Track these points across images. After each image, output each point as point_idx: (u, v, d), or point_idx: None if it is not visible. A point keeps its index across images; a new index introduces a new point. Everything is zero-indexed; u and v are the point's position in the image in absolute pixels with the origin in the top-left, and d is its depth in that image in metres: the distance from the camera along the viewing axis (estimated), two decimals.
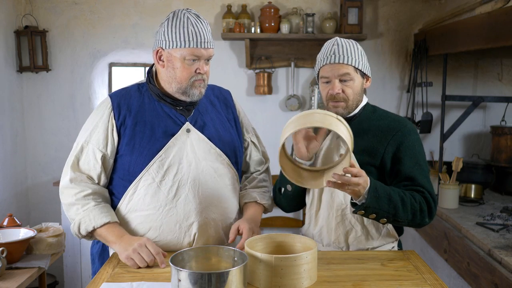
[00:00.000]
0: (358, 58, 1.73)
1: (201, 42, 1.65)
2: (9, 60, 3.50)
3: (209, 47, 1.68)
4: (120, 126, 1.72)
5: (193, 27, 1.64)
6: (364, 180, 1.54)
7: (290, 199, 1.88)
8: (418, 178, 1.70)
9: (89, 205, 1.68)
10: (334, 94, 1.72)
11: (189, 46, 1.64)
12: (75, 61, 3.74)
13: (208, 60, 1.71)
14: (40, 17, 3.67)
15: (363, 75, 1.77)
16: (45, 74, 3.72)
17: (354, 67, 1.72)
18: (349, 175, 1.52)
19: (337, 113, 1.76)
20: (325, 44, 1.78)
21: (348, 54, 1.71)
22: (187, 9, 1.69)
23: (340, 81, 1.72)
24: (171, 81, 1.70)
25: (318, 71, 1.78)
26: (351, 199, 1.63)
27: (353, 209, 1.62)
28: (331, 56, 1.72)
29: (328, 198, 1.78)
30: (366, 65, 1.77)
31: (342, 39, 1.76)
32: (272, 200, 1.93)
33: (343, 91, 1.72)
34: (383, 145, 1.73)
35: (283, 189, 1.86)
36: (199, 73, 1.68)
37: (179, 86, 1.70)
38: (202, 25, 1.67)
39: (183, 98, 1.73)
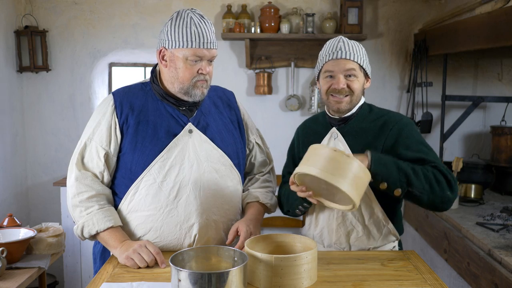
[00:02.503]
0: (363, 57, 1.75)
1: (203, 42, 1.65)
2: (9, 60, 3.51)
3: (211, 47, 1.67)
4: (123, 124, 1.71)
5: (196, 27, 1.64)
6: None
7: (300, 215, 1.89)
8: (427, 157, 1.67)
9: (92, 208, 1.68)
10: (339, 88, 1.72)
11: (191, 46, 1.64)
12: (75, 61, 3.74)
13: (211, 60, 1.71)
14: (40, 17, 3.67)
15: (366, 75, 1.79)
16: (45, 74, 3.72)
17: (360, 65, 1.73)
18: None
19: (339, 109, 1.76)
20: (328, 42, 1.78)
21: (355, 51, 1.73)
22: (192, 9, 1.69)
23: (345, 76, 1.73)
24: (173, 81, 1.70)
25: (321, 67, 1.78)
26: None
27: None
28: (337, 52, 1.73)
29: None
30: (369, 66, 1.79)
31: (346, 38, 1.77)
32: (276, 200, 1.93)
33: (348, 86, 1.73)
34: (382, 140, 1.74)
35: (290, 211, 1.87)
36: (201, 73, 1.68)
37: (181, 86, 1.70)
38: (206, 25, 1.66)
39: (185, 98, 1.72)
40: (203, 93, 1.72)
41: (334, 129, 1.80)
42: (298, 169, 1.52)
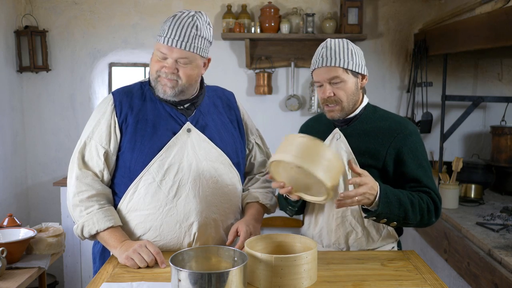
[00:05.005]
0: (348, 58, 1.70)
1: (168, 39, 1.63)
2: (9, 60, 3.50)
3: (176, 46, 1.62)
4: (122, 123, 1.72)
5: (172, 23, 1.64)
6: (369, 187, 1.53)
7: (292, 215, 1.90)
8: (423, 180, 1.71)
9: (92, 208, 1.68)
10: (326, 97, 1.71)
11: (158, 41, 1.67)
12: (75, 61, 3.74)
13: (180, 62, 1.65)
14: (40, 17, 3.67)
15: (356, 74, 1.73)
16: (45, 74, 3.72)
17: (343, 68, 1.70)
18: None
19: (332, 118, 1.76)
20: (318, 48, 1.77)
21: (337, 56, 1.69)
22: (198, 11, 1.68)
23: (331, 84, 1.71)
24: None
25: (312, 76, 1.78)
26: (362, 205, 1.63)
27: (365, 215, 1.63)
28: (320, 59, 1.71)
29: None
30: (359, 63, 1.72)
31: (333, 40, 1.74)
32: (275, 201, 1.93)
33: (334, 94, 1.71)
34: (385, 147, 1.72)
35: (284, 211, 1.89)
36: (164, 70, 1.67)
37: (152, 78, 1.73)
38: (186, 23, 1.63)
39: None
40: (165, 92, 1.69)
41: (336, 130, 1.80)
42: (272, 158, 1.52)
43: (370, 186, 1.54)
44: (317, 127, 1.89)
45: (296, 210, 1.84)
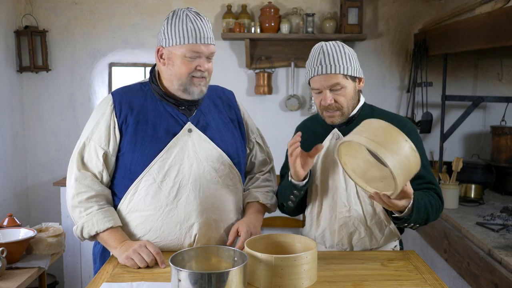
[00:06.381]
0: (346, 64, 1.69)
1: (200, 38, 1.64)
2: (9, 60, 3.50)
3: (209, 43, 1.67)
4: (122, 124, 1.71)
5: (192, 23, 1.64)
6: (405, 206, 1.53)
7: (293, 210, 1.89)
8: (426, 176, 1.72)
9: (92, 208, 1.68)
10: (326, 105, 1.71)
11: (188, 42, 1.63)
12: (75, 61, 3.74)
13: (210, 57, 1.70)
14: (40, 17, 3.68)
15: (354, 78, 1.74)
16: (45, 74, 3.72)
17: (343, 74, 1.69)
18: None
19: (333, 123, 1.75)
20: (311, 51, 1.75)
21: (335, 62, 1.68)
22: (188, 8, 1.69)
23: (331, 91, 1.70)
24: (172, 79, 1.70)
25: (309, 81, 1.77)
26: (389, 212, 1.64)
27: (396, 222, 1.65)
28: (318, 67, 1.69)
29: (330, 201, 1.78)
30: (356, 68, 1.72)
31: (327, 44, 1.72)
32: (276, 200, 1.92)
33: (335, 101, 1.71)
34: None
35: (285, 204, 1.87)
36: (199, 70, 1.67)
37: (179, 83, 1.68)
38: (202, 21, 1.66)
39: (184, 96, 1.71)
40: (201, 91, 1.71)
41: (335, 130, 1.79)
42: (344, 139, 1.46)
43: (406, 206, 1.53)
44: (315, 127, 1.89)
45: (300, 198, 1.79)
